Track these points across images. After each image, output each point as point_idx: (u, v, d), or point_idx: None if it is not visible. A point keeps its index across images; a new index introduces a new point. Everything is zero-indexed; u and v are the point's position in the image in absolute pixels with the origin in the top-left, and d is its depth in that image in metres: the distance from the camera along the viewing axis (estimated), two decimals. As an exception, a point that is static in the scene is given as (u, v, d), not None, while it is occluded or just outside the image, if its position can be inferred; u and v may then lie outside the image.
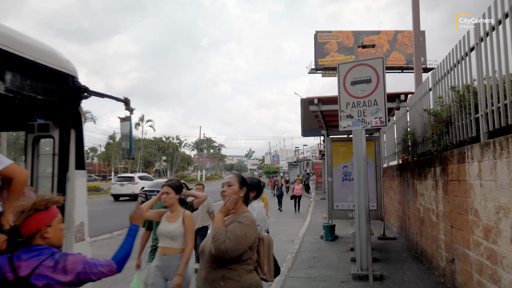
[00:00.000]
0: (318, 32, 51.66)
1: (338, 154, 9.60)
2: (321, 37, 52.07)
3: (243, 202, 2.77)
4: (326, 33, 52.01)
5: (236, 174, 2.85)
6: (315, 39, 50.80)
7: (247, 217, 2.63)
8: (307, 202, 21.71)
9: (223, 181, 2.75)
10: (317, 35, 51.66)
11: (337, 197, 9.48)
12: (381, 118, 4.90)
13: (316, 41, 50.91)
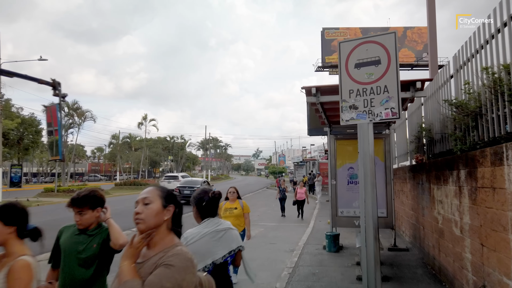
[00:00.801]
0: (325, 29, 50.52)
1: (343, 153, 8.55)
2: (328, 34, 50.90)
3: (171, 229, 1.79)
4: (333, 30, 50.84)
5: (159, 187, 1.84)
6: (322, 36, 49.68)
7: (180, 254, 1.64)
8: (312, 204, 20.62)
9: (138, 198, 1.77)
10: (324, 32, 50.51)
11: (341, 202, 8.43)
12: (393, 109, 3.86)
13: (323, 39, 49.77)
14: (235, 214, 5.84)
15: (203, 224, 2.73)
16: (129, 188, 36.29)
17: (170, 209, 1.77)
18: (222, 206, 5.88)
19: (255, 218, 15.42)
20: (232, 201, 6.05)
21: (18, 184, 40.69)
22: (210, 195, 2.80)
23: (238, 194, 6.16)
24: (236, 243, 2.74)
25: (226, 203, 6.03)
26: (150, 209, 1.70)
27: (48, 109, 10.05)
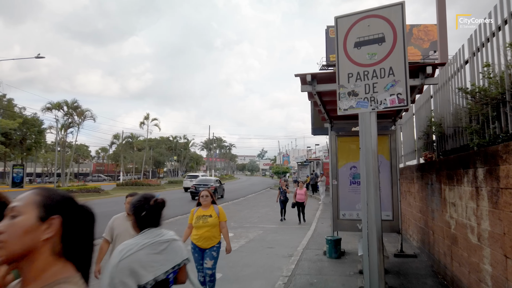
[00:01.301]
0: (329, 27, 49.65)
1: (344, 151, 7.90)
2: (333, 32, 49.81)
3: (58, 253, 1.18)
4: (338, 28, 49.84)
5: (39, 189, 1.22)
6: (327, 34, 48.80)
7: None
8: (315, 205, 19.96)
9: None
10: (329, 31, 49.63)
11: (343, 204, 7.79)
12: (400, 95, 3.24)
13: (328, 37, 48.88)
14: (210, 223, 4.92)
15: (142, 234, 2.22)
16: (131, 188, 35.80)
17: (54, 223, 1.15)
18: (194, 213, 5.06)
19: (255, 220, 14.82)
20: (205, 207, 5.07)
21: (20, 184, 40.45)
22: (151, 203, 2.26)
23: (213, 198, 5.19)
24: (180, 256, 2.31)
25: (199, 209, 5.08)
26: (15, 226, 1.09)
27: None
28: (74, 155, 79.17)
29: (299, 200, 13.62)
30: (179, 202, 27.52)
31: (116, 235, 4.09)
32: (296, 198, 13.69)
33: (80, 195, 26.07)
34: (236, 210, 18.85)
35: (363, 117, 3.73)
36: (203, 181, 26.41)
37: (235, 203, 23.16)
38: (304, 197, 13.56)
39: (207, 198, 5.08)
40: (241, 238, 10.67)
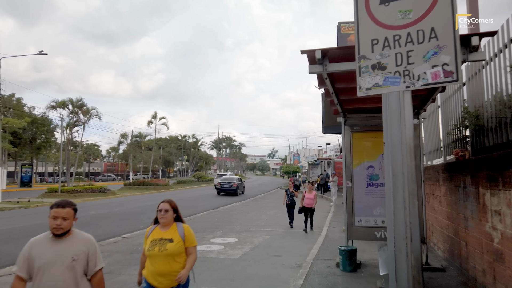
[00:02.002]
0: (341, 24, 48.44)
1: (360, 149, 6.94)
2: (344, 28, 48.76)
3: None
4: (350, 24, 48.71)
5: None
6: (338, 31, 47.55)
7: None
8: (326, 207, 18.94)
9: None
10: (340, 27, 48.42)
11: (359, 210, 6.82)
12: (447, 66, 2.32)
13: (339, 33, 47.65)
14: (170, 252, 3.29)
15: None
16: (138, 188, 35.28)
17: None
18: (147, 236, 3.47)
19: (262, 223, 13.91)
20: (164, 226, 3.44)
21: (28, 184, 40.36)
22: None
23: (177, 213, 3.53)
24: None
25: (155, 230, 3.46)
26: None
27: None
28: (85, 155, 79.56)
29: (308, 205, 11.80)
30: (204, 198, 26.84)
31: (38, 269, 2.63)
32: (303, 202, 11.84)
33: (85, 195, 25.54)
34: (243, 211, 17.96)
35: (391, 99, 2.80)
36: (226, 179, 30.27)
37: (243, 204, 22.29)
38: (313, 202, 11.81)
39: (166, 214, 3.41)
40: (245, 244, 9.78)
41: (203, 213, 17.18)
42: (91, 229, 12.66)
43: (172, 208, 3.48)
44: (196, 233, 11.43)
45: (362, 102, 6.32)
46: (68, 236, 2.76)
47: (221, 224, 13.42)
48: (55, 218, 2.69)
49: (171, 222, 3.47)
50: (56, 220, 2.68)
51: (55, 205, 2.75)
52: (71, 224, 2.78)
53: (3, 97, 42.93)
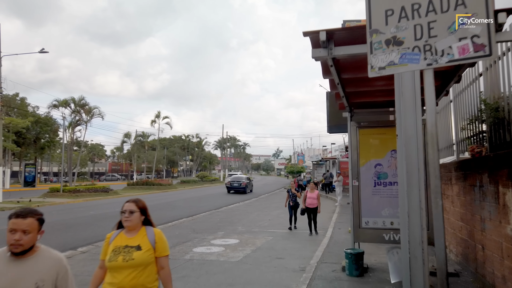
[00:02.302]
0: (346, 22, 47.98)
1: (368, 146, 6.54)
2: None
3: None
4: (355, 22, 48.22)
5: None
6: (343, 29, 47.34)
7: None
8: (331, 207, 18.52)
9: None
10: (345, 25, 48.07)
11: (366, 210, 6.42)
12: (477, 38, 1.93)
13: (344, 32, 47.45)
14: (138, 262, 2.67)
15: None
16: (141, 188, 35.05)
17: None
18: (109, 243, 2.83)
19: (265, 223, 13.53)
20: (130, 231, 2.82)
21: (32, 183, 40.26)
22: None
23: (146, 215, 2.91)
24: None
25: (119, 235, 2.84)
26: None
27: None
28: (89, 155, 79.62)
29: (310, 205, 11.02)
30: (207, 198, 26.56)
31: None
32: (306, 203, 11.11)
33: (87, 195, 25.30)
34: (246, 212, 17.59)
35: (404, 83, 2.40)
36: (236, 178, 32.61)
37: (246, 204, 21.92)
38: (316, 202, 10.99)
39: (132, 216, 2.78)
40: (247, 245, 9.41)
41: (206, 213, 16.84)
42: (89, 230, 12.47)
43: (139, 208, 2.83)
44: (197, 234, 11.10)
45: (370, 95, 5.93)
46: (31, 255, 2.12)
47: (223, 225, 13.06)
48: (13, 231, 2.06)
49: (139, 226, 2.83)
50: (14, 234, 2.05)
51: (14, 214, 2.11)
52: (34, 239, 2.13)
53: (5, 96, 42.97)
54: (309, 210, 11.05)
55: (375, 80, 5.09)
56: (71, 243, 9.94)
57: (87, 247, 9.45)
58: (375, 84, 5.33)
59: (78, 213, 16.65)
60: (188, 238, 10.53)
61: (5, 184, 39.52)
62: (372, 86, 5.39)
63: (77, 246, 9.53)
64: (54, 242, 10.00)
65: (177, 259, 7.99)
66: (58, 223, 13.19)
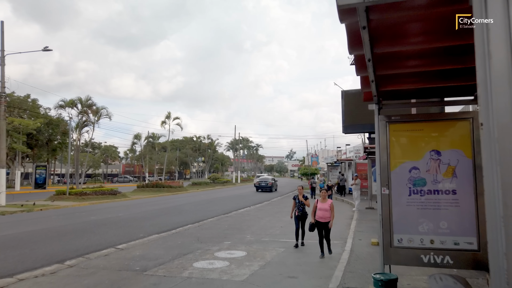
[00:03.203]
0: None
1: (400, 145, 5.32)
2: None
3: None
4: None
5: None
6: (358, 26, 45.90)
7: None
8: (348, 213, 17.22)
9: None
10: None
11: (399, 225, 5.19)
12: None
13: (359, 29, 46.03)
14: None
15: None
16: (151, 190, 34.25)
17: None
18: None
19: (276, 231, 12.34)
20: None
21: (42, 185, 39.97)
22: None
23: None
24: None
25: None
26: None
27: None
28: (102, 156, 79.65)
29: (321, 218, 8.49)
30: (217, 201, 25.59)
31: None
32: (316, 215, 8.60)
33: (94, 198, 24.53)
34: (256, 217, 16.42)
35: (495, 33, 1.22)
36: (263, 179, 39.39)
37: (257, 208, 20.75)
38: (329, 215, 8.46)
39: None
40: (255, 259, 8.26)
41: (213, 218, 15.76)
42: (84, 238, 11.37)
43: None
44: (201, 244, 9.92)
45: (407, 81, 4.73)
46: None
47: (231, 233, 11.95)
48: None
49: None
50: None
51: None
52: None
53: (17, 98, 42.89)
54: (320, 225, 8.53)
55: (416, 58, 3.89)
56: (60, 254, 8.96)
57: (77, 259, 8.43)
58: (414, 65, 4.13)
59: (79, 218, 15.77)
60: (191, 249, 9.45)
61: (16, 186, 39.41)
62: (411, 67, 4.19)
63: (66, 258, 8.53)
64: (41, 253, 9.05)
65: (173, 277, 6.91)
66: (53, 230, 12.29)
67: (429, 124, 5.16)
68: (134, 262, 8.14)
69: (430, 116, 5.12)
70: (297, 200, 9.77)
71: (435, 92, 5.11)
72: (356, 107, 33.03)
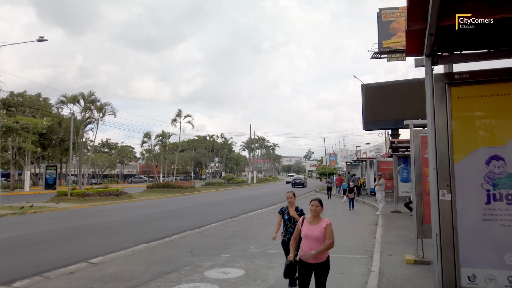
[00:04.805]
0: (382, 10, 44.28)
1: (471, 122, 3.29)
2: (386, 15, 44.62)
3: None
4: (392, 11, 44.52)
5: None
6: (379, 18, 43.54)
7: None
8: (371, 217, 15.06)
9: None
10: (381, 14, 44.28)
11: (469, 253, 3.16)
12: None
13: (380, 20, 43.60)
14: None
15: None
16: (161, 191, 32.72)
17: None
18: None
19: (287, 240, 10.38)
20: None
21: (53, 185, 39.05)
22: None
23: None
24: None
25: None
26: None
27: None
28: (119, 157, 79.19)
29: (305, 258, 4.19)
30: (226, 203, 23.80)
31: None
32: (300, 248, 4.36)
33: (96, 199, 23.06)
34: (266, 222, 14.41)
35: None
36: (297, 178, 52.28)
37: (269, 211, 18.74)
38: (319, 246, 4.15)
39: None
40: (254, 282, 6.37)
41: (217, 223, 13.91)
42: (57, 248, 9.38)
43: None
44: (193, 258, 7.52)
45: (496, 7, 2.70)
46: None
47: (233, 242, 10.06)
48: None
49: None
50: None
51: None
52: None
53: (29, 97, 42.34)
54: (305, 268, 4.28)
55: None
56: (13, 271, 7.27)
57: (31, 279, 6.70)
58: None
59: (67, 222, 14.17)
60: (178, 265, 7.60)
61: (25, 186, 38.69)
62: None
63: (18, 277, 6.82)
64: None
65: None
66: (28, 238, 10.68)
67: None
68: (100, 285, 6.35)
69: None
70: (286, 216, 5.98)
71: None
72: (378, 102, 30.63)
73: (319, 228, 4.25)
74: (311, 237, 4.24)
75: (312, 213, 4.38)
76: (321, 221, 4.32)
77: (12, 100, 40.74)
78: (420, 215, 6.99)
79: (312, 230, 4.27)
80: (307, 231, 4.30)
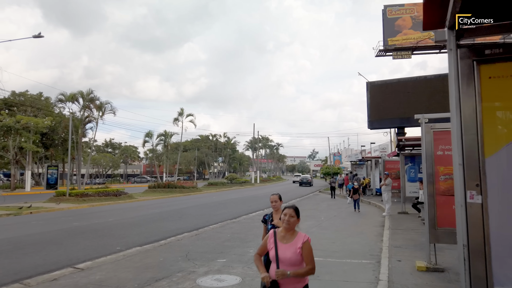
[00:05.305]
0: (387, 7, 43.49)
1: (505, 108, 2.68)
2: (391, 12, 43.83)
3: None
4: (397, 7, 43.72)
5: None
6: (384, 15, 42.77)
7: None
8: (377, 218, 14.43)
9: None
10: (386, 11, 43.49)
11: (507, 267, 2.56)
12: None
13: (385, 17, 42.81)
14: None
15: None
16: (162, 191, 32.24)
17: None
18: None
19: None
20: None
21: (54, 185, 38.73)
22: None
23: None
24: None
25: None
26: None
27: None
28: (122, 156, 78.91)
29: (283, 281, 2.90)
30: (227, 203, 23.28)
31: None
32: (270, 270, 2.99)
33: (95, 200, 22.57)
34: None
35: None
36: (304, 177, 53.85)
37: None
38: (299, 268, 2.94)
39: None
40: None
41: (217, 225, 13.35)
42: (42, 252, 8.79)
43: None
44: (187, 263, 6.10)
45: None
46: None
47: (231, 245, 9.50)
48: None
49: None
50: None
51: None
52: None
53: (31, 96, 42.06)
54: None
55: None
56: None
57: (9, 287, 6.17)
58: None
59: (60, 224, 13.66)
60: (170, 271, 7.05)
61: (26, 186, 38.37)
62: None
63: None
64: None
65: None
66: (14, 241, 10.18)
67: None
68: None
69: None
70: (269, 225, 4.93)
71: None
72: (383, 100, 29.87)
73: (293, 247, 2.97)
74: (282, 260, 2.94)
75: (284, 225, 3.05)
76: (296, 237, 3.04)
77: (14, 99, 40.48)
78: (433, 217, 6.37)
79: (283, 250, 2.98)
80: (281, 252, 2.97)
